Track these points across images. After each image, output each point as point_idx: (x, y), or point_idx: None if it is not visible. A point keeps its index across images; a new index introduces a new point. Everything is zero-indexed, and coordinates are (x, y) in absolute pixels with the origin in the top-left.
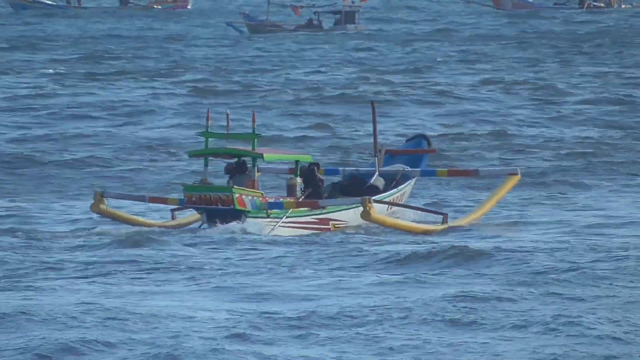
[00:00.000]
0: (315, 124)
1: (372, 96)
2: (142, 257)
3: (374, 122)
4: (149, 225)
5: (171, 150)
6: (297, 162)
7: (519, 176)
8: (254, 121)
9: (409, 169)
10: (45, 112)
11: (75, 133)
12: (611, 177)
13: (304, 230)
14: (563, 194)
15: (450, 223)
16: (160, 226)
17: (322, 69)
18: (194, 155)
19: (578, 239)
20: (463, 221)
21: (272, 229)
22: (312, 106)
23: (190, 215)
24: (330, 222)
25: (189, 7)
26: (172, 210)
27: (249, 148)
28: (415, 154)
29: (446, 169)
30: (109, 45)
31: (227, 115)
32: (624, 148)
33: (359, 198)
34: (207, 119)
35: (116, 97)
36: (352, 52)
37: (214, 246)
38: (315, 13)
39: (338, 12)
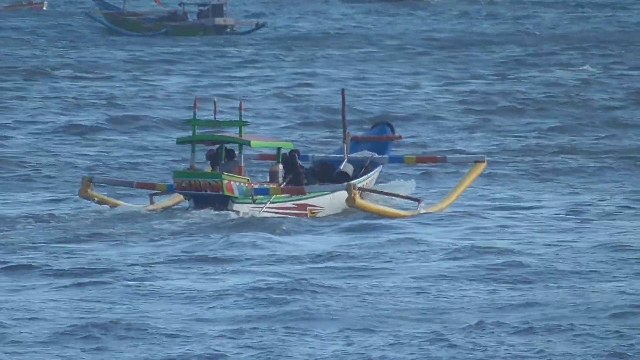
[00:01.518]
0: None
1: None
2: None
3: (343, 110)
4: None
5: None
6: (279, 149)
7: (486, 163)
8: (240, 109)
9: (377, 155)
10: None
11: None
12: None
13: (284, 215)
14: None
15: (425, 209)
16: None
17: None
18: (182, 142)
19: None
20: (436, 207)
21: (258, 213)
22: None
23: (168, 199)
24: (308, 208)
25: (44, 8)
26: (151, 195)
27: (236, 135)
28: (380, 141)
29: (414, 156)
30: None
31: (215, 102)
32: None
33: (343, 184)
34: (195, 107)
35: None
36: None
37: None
38: (180, 5)
39: (205, 4)
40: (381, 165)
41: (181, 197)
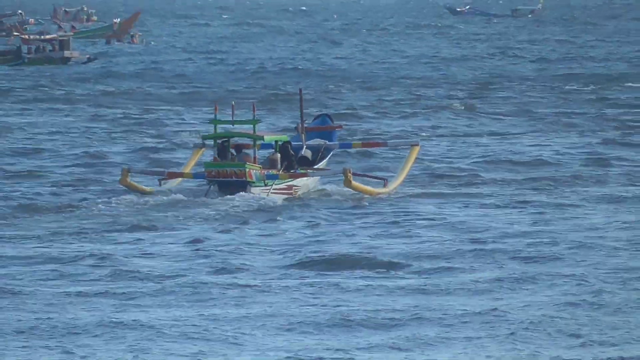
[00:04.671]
0: None
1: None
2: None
3: (301, 106)
4: (147, 192)
5: None
6: (276, 141)
7: (419, 146)
8: (254, 110)
9: (329, 142)
10: None
11: None
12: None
13: (280, 195)
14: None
15: (388, 187)
16: (152, 192)
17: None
18: (206, 138)
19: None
20: (393, 186)
21: (267, 194)
22: None
23: (172, 181)
24: (293, 188)
25: None
26: (160, 179)
27: (251, 131)
28: (325, 130)
29: (360, 142)
30: None
31: (233, 106)
32: None
33: (340, 169)
34: (215, 110)
35: None
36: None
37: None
38: (26, 39)
39: (48, 40)
40: (333, 150)
41: (180, 179)
